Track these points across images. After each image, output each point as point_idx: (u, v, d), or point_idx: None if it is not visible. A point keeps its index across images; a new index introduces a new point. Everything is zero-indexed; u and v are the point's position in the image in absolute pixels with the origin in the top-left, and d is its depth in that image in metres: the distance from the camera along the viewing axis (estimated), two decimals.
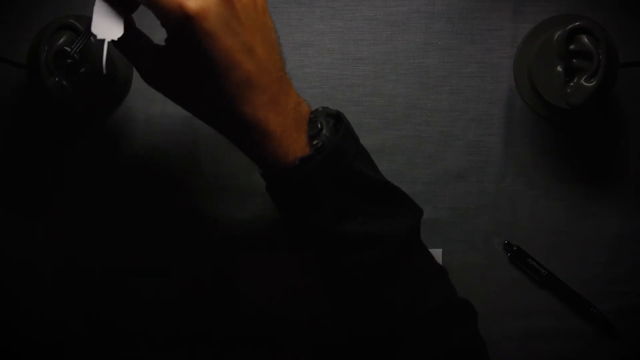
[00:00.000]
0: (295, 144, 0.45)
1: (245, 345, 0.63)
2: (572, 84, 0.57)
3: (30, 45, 0.58)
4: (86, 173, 0.63)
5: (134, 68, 0.61)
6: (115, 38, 0.43)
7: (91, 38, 0.56)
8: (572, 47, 0.57)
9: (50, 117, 0.62)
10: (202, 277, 0.63)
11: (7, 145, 0.63)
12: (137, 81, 0.62)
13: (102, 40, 0.43)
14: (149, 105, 0.62)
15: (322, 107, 0.49)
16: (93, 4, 0.43)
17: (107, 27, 0.43)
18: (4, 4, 0.62)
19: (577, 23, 0.56)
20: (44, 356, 0.63)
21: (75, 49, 0.53)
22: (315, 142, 0.46)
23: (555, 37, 0.58)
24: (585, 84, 0.56)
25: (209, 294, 0.63)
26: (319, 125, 0.46)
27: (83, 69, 0.56)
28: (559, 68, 0.58)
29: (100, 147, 0.63)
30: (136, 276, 0.63)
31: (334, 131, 0.46)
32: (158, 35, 0.46)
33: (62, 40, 0.56)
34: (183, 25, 0.40)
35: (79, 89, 0.56)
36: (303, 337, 0.63)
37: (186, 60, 0.43)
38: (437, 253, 0.63)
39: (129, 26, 0.44)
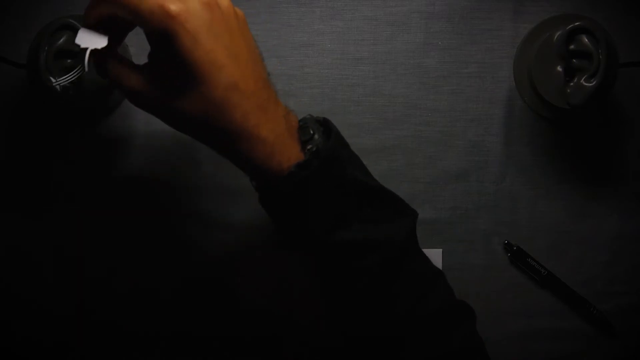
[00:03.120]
0: (289, 151, 0.45)
1: (245, 345, 0.63)
2: (572, 84, 0.57)
3: (30, 45, 0.58)
4: (86, 173, 0.63)
5: None
6: (99, 47, 0.44)
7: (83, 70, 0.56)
8: (572, 47, 0.57)
9: (50, 117, 0.62)
10: (202, 277, 0.63)
11: (7, 145, 0.63)
12: None
13: (86, 50, 0.44)
14: (145, 112, 0.62)
15: (309, 115, 0.49)
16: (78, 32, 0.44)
17: (91, 39, 0.44)
18: (4, 4, 0.61)
19: (577, 23, 0.56)
20: (44, 356, 0.63)
21: (68, 78, 0.54)
22: (309, 147, 0.45)
23: (555, 37, 0.58)
24: (585, 84, 0.56)
25: (209, 294, 0.63)
26: (311, 131, 0.46)
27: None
28: (559, 68, 0.58)
29: (100, 147, 0.63)
30: (135, 276, 0.63)
31: (325, 137, 0.46)
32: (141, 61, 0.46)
33: (62, 40, 0.56)
34: (165, 28, 0.40)
35: (79, 89, 0.56)
36: (303, 337, 0.63)
37: (170, 67, 0.42)
38: (437, 253, 0.63)
39: (109, 50, 0.45)
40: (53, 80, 0.54)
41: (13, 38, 0.61)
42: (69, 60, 0.56)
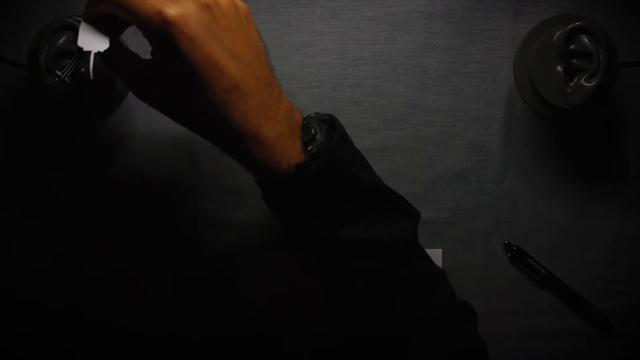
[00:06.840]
0: (289, 151, 0.44)
1: (245, 345, 0.63)
2: (572, 84, 0.57)
3: (30, 45, 0.58)
4: (86, 173, 0.63)
5: None
6: (102, 50, 0.44)
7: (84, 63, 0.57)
8: (572, 47, 0.57)
9: (50, 117, 0.62)
10: (202, 277, 0.63)
11: (7, 145, 0.63)
12: None
13: (89, 52, 0.44)
14: (148, 105, 0.62)
15: (315, 113, 0.48)
16: (79, 26, 0.44)
17: (93, 41, 0.44)
18: (4, 4, 0.62)
19: (577, 23, 0.56)
20: (44, 356, 0.63)
21: (65, 73, 0.54)
22: (310, 148, 0.45)
23: (555, 37, 0.58)
24: (585, 84, 0.56)
25: (209, 294, 0.63)
26: (313, 131, 0.46)
27: (83, 69, 0.56)
28: (559, 68, 0.58)
29: (100, 147, 0.63)
30: (136, 276, 0.63)
31: (327, 136, 0.46)
32: (145, 54, 0.46)
33: (62, 40, 0.56)
34: (164, 33, 0.40)
35: (79, 89, 0.56)
36: (303, 337, 0.63)
37: (171, 69, 0.42)
38: (437, 253, 0.63)
39: (115, 44, 0.45)
40: (59, 73, 0.55)
41: (13, 38, 0.61)
42: (68, 60, 0.56)
